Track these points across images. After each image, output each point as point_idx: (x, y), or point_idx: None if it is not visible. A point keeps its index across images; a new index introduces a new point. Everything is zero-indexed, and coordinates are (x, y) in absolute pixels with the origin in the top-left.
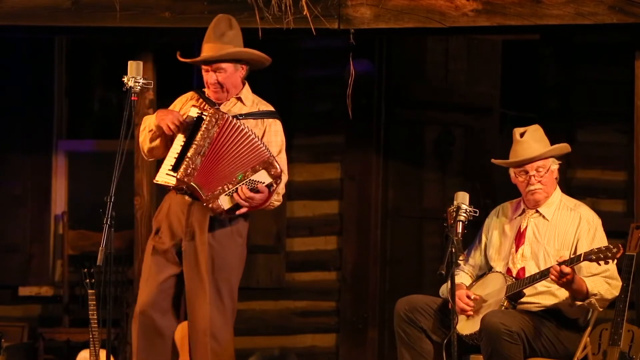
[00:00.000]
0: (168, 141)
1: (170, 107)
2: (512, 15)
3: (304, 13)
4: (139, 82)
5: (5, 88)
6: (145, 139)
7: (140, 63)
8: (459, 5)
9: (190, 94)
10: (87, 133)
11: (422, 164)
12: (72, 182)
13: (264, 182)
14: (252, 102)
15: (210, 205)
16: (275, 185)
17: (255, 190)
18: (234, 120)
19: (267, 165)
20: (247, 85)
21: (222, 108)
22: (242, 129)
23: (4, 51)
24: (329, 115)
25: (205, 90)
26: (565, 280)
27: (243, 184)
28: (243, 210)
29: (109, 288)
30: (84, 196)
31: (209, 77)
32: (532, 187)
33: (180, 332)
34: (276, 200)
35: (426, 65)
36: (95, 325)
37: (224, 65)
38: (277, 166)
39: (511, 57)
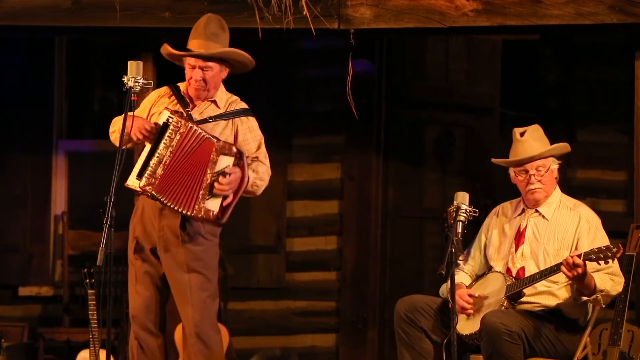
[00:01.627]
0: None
1: (145, 101)
2: (512, 15)
3: (304, 13)
4: (139, 82)
5: (5, 88)
6: (116, 139)
7: (140, 63)
8: (459, 5)
9: (164, 89)
10: (87, 133)
11: (422, 164)
12: (72, 182)
13: (229, 165)
14: (225, 102)
15: (201, 216)
16: (242, 161)
17: (226, 175)
18: (196, 129)
19: (221, 149)
20: (222, 87)
21: (195, 110)
22: (201, 136)
23: (4, 51)
24: (329, 115)
25: (181, 85)
26: (577, 273)
27: (214, 180)
28: (230, 199)
29: (109, 288)
30: (84, 196)
31: (194, 73)
32: (532, 187)
33: (180, 332)
34: (258, 179)
35: (426, 65)
36: (95, 325)
37: (211, 63)
38: (230, 146)
39: (511, 57)
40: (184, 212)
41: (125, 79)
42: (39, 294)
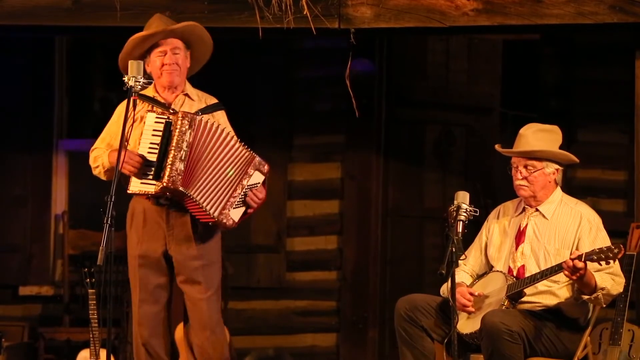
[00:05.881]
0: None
1: (113, 118)
2: (513, 14)
3: (304, 13)
4: (139, 82)
5: (5, 88)
6: (99, 173)
7: (141, 62)
8: (460, 4)
9: (132, 100)
10: (88, 132)
11: (423, 164)
12: (72, 182)
13: (259, 183)
14: (197, 96)
15: (224, 223)
16: (266, 182)
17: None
18: (207, 121)
19: (258, 165)
20: (187, 81)
21: (174, 106)
22: (218, 127)
23: (4, 51)
24: (330, 115)
25: (145, 92)
26: (579, 275)
27: (245, 191)
28: (249, 213)
29: (109, 287)
30: (84, 196)
31: (166, 58)
32: (516, 182)
33: (181, 332)
34: None
35: (426, 65)
36: (96, 324)
37: (180, 44)
38: (265, 164)
39: (511, 57)
40: (211, 212)
41: (126, 79)
42: (39, 294)
